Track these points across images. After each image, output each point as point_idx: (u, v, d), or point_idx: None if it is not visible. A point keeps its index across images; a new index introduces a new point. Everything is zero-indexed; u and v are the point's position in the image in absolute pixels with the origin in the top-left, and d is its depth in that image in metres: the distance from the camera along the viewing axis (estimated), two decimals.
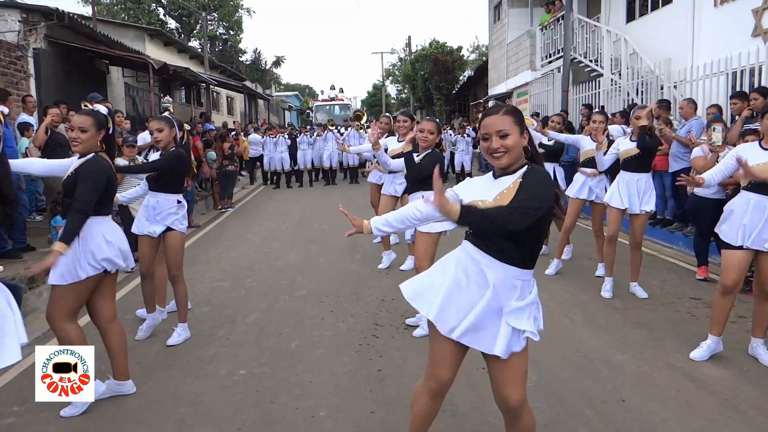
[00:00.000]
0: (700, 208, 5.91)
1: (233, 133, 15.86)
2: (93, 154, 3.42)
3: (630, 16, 13.41)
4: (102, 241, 3.36)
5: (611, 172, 5.81)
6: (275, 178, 16.88)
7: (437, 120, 5.23)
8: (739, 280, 3.86)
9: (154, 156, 6.17)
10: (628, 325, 4.74)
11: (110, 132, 3.51)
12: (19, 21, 10.82)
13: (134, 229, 4.55)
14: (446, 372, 2.38)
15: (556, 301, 5.42)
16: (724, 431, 3.13)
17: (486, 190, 2.30)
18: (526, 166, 2.28)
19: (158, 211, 4.46)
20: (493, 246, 2.25)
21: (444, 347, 2.35)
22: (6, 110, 7.45)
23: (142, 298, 4.74)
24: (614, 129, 7.86)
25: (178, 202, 4.54)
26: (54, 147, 7.63)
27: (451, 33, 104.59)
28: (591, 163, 6.06)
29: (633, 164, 5.36)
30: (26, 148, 7.77)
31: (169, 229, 4.47)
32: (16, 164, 3.48)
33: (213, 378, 3.89)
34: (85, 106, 7.66)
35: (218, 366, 4.08)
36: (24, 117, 8.48)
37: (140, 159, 6.82)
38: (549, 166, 6.46)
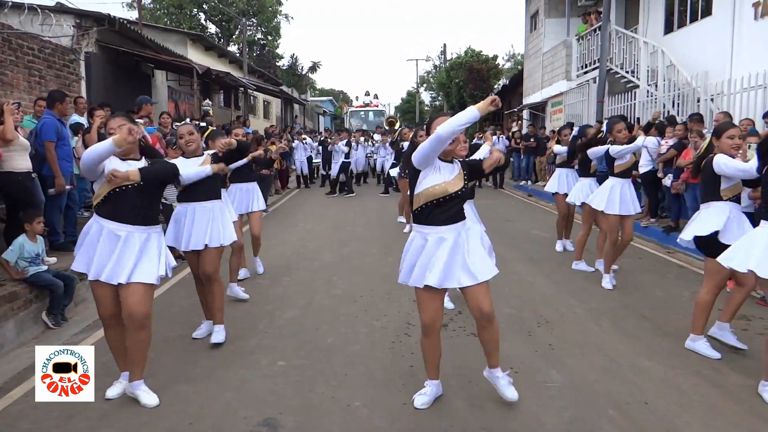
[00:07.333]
0: None
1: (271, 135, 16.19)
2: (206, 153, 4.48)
3: (668, 28, 13.36)
4: None
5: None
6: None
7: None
8: None
9: None
10: (656, 333, 4.82)
11: None
12: (72, 26, 11.39)
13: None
14: (427, 315, 3.45)
15: (584, 307, 5.52)
16: None
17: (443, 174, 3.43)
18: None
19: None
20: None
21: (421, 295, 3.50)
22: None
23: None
24: (650, 141, 7.97)
25: None
26: None
27: (487, 41, 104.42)
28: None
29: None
30: (73, 148, 8.18)
31: None
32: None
33: (256, 367, 4.13)
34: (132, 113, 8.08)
35: (260, 357, 4.33)
36: (76, 118, 8.93)
37: None
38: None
